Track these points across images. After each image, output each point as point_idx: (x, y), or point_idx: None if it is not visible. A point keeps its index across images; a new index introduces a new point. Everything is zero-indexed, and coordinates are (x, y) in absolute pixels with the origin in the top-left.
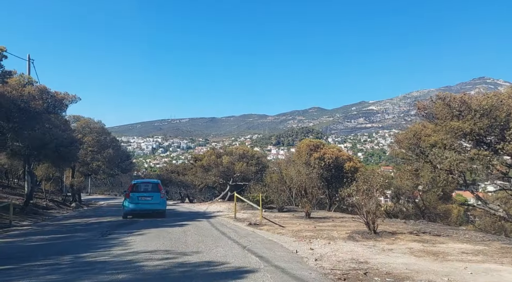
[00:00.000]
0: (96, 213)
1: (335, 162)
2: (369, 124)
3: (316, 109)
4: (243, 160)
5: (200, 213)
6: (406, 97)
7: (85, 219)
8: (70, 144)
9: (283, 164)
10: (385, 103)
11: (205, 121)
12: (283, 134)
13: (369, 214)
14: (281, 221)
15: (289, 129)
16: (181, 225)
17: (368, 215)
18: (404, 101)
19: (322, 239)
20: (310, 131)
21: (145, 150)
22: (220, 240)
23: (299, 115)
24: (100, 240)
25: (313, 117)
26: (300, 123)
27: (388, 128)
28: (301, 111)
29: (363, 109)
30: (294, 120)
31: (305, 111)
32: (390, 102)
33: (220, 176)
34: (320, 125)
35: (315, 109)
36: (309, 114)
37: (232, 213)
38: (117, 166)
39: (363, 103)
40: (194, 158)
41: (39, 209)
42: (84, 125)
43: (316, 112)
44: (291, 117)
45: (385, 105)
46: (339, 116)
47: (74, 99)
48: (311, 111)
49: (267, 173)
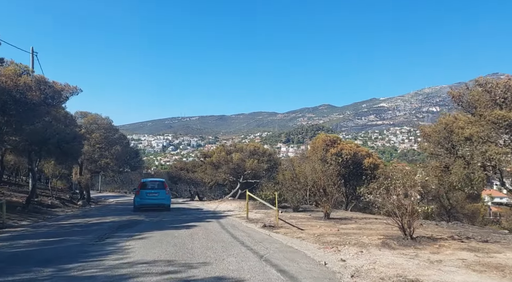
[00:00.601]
0: (100, 212)
1: (353, 158)
2: (380, 121)
3: (326, 107)
4: (254, 156)
5: (210, 213)
6: (417, 94)
7: (86, 219)
8: (73, 139)
9: (296, 161)
10: (396, 100)
11: (215, 119)
12: (292, 132)
13: (405, 216)
14: (299, 223)
15: (298, 126)
16: (188, 226)
17: (403, 217)
18: (415, 98)
19: (351, 246)
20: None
21: (155, 148)
22: (232, 247)
23: (309, 113)
24: (94, 246)
25: (323, 114)
26: (310, 121)
27: (399, 125)
28: (311, 109)
29: (373, 106)
30: (304, 118)
31: (315, 108)
32: (401, 99)
33: (230, 173)
34: (330, 123)
35: (325, 106)
36: (319, 112)
37: (243, 213)
38: (126, 163)
39: (373, 100)
40: (204, 155)
41: (43, 208)
42: (91, 121)
43: (326, 109)
44: (301, 114)
45: (396, 102)
46: (349, 113)
47: (75, 90)
48: (321, 109)
49: (279, 170)
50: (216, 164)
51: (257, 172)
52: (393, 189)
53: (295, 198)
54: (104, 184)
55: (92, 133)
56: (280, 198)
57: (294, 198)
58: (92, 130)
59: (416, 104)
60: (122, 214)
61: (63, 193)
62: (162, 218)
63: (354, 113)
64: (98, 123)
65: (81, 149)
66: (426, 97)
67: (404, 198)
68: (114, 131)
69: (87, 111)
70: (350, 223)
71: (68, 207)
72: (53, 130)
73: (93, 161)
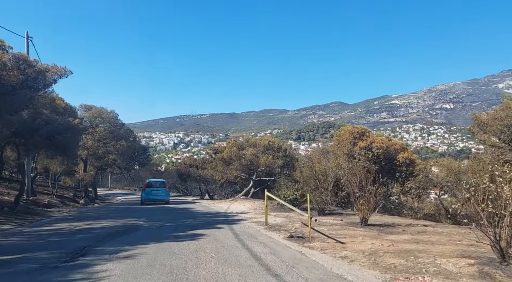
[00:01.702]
0: (98, 213)
1: (385, 152)
2: (392, 119)
3: (337, 104)
4: (268, 152)
5: (221, 215)
6: (431, 91)
7: (76, 223)
8: (65, 130)
9: (315, 156)
10: (409, 97)
11: (225, 116)
12: (303, 129)
13: (504, 229)
14: (332, 232)
15: (309, 123)
16: (194, 236)
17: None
18: (428, 95)
19: (433, 277)
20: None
21: (167, 146)
22: (254, 276)
23: (320, 110)
24: (55, 272)
25: (334, 111)
26: (321, 118)
27: (412, 123)
28: (322, 106)
29: (386, 103)
30: (315, 115)
31: (326, 105)
32: (414, 95)
33: (242, 170)
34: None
35: (336, 103)
36: (330, 109)
37: (260, 216)
38: (134, 159)
39: (385, 97)
40: (214, 151)
41: (37, 208)
42: (95, 115)
43: (337, 106)
44: (311, 111)
45: (408, 99)
46: (361, 111)
47: (63, 72)
48: (332, 106)
49: (296, 167)
50: (227, 160)
51: (272, 169)
52: (483, 193)
53: (320, 198)
54: (114, 182)
55: (96, 127)
56: (302, 198)
57: (319, 199)
58: (96, 124)
59: (429, 101)
60: (120, 217)
61: (68, 191)
62: (164, 223)
63: (366, 110)
64: (103, 117)
65: (77, 142)
66: (439, 94)
67: (502, 208)
68: (120, 125)
69: (92, 105)
70: (398, 232)
71: (67, 207)
72: (42, 120)
73: (98, 157)
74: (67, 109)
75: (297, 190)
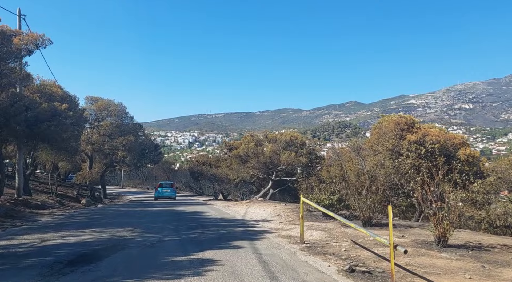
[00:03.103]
0: (89, 219)
1: (442, 148)
2: None
3: (353, 104)
4: (290, 148)
5: (238, 224)
6: (449, 90)
7: (48, 235)
8: (50, 118)
9: (345, 153)
10: (427, 97)
11: (240, 115)
12: (319, 129)
13: None
14: (403, 259)
15: (324, 123)
16: (199, 266)
17: None
18: (447, 95)
19: None
20: (347, 126)
21: (182, 144)
22: None
23: (335, 110)
24: None
25: (350, 111)
26: (336, 118)
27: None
28: (337, 106)
29: (402, 103)
30: (330, 115)
31: (342, 105)
32: (432, 95)
33: (260, 169)
34: (357, 120)
35: (352, 103)
36: (346, 109)
37: (288, 226)
38: (144, 156)
39: (402, 96)
40: (229, 147)
41: (26, 209)
42: (102, 108)
43: (353, 106)
44: (327, 111)
45: (426, 99)
46: (377, 111)
47: (40, 41)
48: (348, 106)
49: (323, 165)
50: (243, 157)
51: (293, 168)
52: None
53: (365, 206)
54: (127, 180)
55: (102, 121)
56: (339, 204)
57: (365, 206)
58: (102, 117)
59: (448, 101)
60: (112, 224)
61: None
62: (164, 236)
63: (382, 110)
64: (110, 110)
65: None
66: (458, 94)
67: None
68: (129, 119)
69: (99, 97)
70: (508, 262)
71: (63, 208)
72: (22, 104)
73: (107, 153)
74: (65, 98)
75: (333, 193)
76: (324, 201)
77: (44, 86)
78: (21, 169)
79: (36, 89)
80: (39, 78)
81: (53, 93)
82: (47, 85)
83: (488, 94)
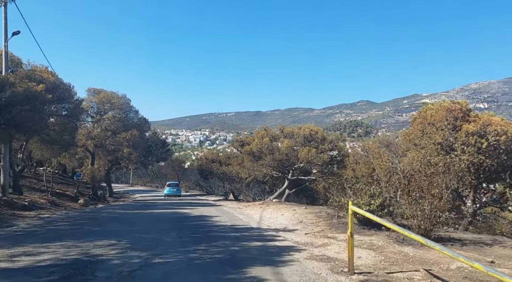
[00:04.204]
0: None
1: (508, 141)
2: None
3: (364, 103)
4: (310, 144)
5: (253, 235)
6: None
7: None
8: (23, 101)
9: (373, 149)
10: (440, 96)
11: (250, 115)
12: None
13: None
14: None
15: (336, 122)
16: None
17: None
18: (461, 94)
19: None
20: (358, 125)
21: (193, 143)
22: None
23: (347, 109)
24: None
25: (362, 110)
26: (347, 117)
27: None
28: (348, 105)
29: (415, 102)
30: (341, 114)
31: (353, 104)
32: (446, 95)
33: (275, 166)
34: (368, 119)
35: (364, 102)
36: (357, 108)
37: (319, 239)
38: (151, 153)
39: (415, 96)
40: (240, 143)
41: (8, 211)
42: (104, 100)
43: (364, 105)
44: (338, 110)
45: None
46: (389, 110)
47: None
48: (359, 105)
49: (347, 163)
50: (256, 154)
51: (312, 165)
52: None
53: (423, 213)
54: (137, 178)
55: (105, 114)
56: (382, 210)
57: (421, 215)
58: (105, 110)
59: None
60: (92, 235)
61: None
62: (153, 257)
63: (395, 110)
64: (113, 103)
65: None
66: (472, 93)
67: None
68: (134, 113)
69: (102, 88)
70: None
71: (54, 209)
72: None
73: (111, 150)
74: (57, 86)
75: (372, 196)
76: (363, 206)
77: (33, 71)
78: (6, 164)
79: (25, 75)
80: (30, 64)
81: (43, 79)
82: (38, 70)
83: (504, 93)
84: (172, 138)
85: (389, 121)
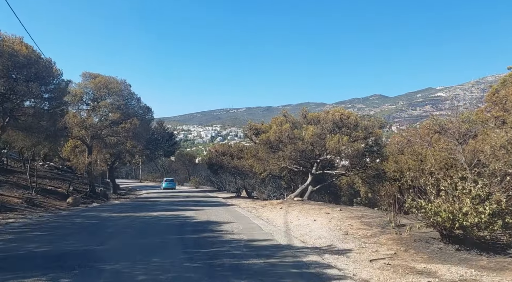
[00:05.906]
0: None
1: None
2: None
3: (377, 97)
4: (341, 131)
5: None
6: (479, 82)
7: None
8: None
9: (423, 135)
10: (455, 89)
11: (262, 110)
12: None
13: None
14: None
15: None
16: None
17: None
18: (477, 87)
19: None
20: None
21: (204, 139)
22: None
23: (359, 103)
24: None
25: (374, 105)
26: (360, 111)
27: None
28: (361, 99)
29: (429, 96)
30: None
31: (366, 98)
32: (461, 88)
33: (297, 159)
34: (381, 113)
35: (377, 96)
36: (370, 102)
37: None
38: (158, 147)
39: (429, 89)
40: (255, 130)
41: None
42: (100, 86)
43: (377, 99)
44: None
45: (454, 91)
46: (402, 104)
47: None
48: (372, 99)
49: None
50: (274, 143)
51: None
52: None
53: None
54: (147, 173)
55: (102, 100)
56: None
57: None
58: (101, 97)
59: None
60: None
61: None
62: None
63: (408, 104)
64: (109, 88)
65: None
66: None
67: None
68: (135, 100)
69: (98, 73)
70: None
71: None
72: None
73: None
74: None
75: (480, 199)
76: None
77: (3, 42)
78: None
79: None
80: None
81: (15, 52)
82: (9, 40)
83: None
84: (184, 133)
85: (403, 115)
